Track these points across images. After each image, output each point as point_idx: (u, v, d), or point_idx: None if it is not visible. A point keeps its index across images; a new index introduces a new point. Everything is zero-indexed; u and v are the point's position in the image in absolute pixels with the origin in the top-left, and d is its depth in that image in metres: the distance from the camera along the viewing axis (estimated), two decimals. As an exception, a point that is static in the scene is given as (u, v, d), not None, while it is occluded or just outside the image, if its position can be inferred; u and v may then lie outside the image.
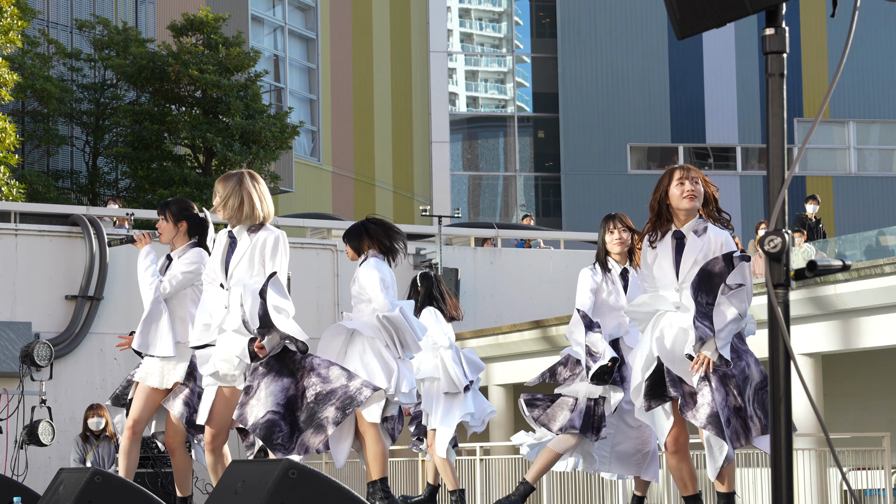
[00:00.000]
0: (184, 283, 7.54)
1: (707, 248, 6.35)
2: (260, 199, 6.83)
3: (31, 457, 14.26)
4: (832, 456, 4.10)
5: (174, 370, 7.55)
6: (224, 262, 6.83)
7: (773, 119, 3.37)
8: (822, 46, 38.86)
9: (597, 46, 38.79)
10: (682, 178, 6.41)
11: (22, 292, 18.03)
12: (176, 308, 7.57)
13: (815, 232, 19.40)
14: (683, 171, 6.45)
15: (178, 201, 7.74)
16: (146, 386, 7.59)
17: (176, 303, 7.58)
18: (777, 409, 3.34)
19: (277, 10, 33.10)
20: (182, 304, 7.57)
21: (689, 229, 6.40)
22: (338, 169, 34.11)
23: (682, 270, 6.35)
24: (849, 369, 16.93)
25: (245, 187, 6.83)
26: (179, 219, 7.62)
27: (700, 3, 3.42)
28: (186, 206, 7.69)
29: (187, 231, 7.63)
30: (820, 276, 4.20)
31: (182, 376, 7.52)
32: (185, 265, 7.53)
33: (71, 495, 6.79)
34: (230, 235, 6.86)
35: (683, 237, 6.40)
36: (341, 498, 5.26)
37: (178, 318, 7.56)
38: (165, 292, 7.51)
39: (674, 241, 6.42)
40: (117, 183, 27.23)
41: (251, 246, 6.75)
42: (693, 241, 6.38)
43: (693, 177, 6.42)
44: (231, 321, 6.75)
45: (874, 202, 38.64)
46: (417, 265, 20.51)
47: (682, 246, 6.40)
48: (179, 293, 7.58)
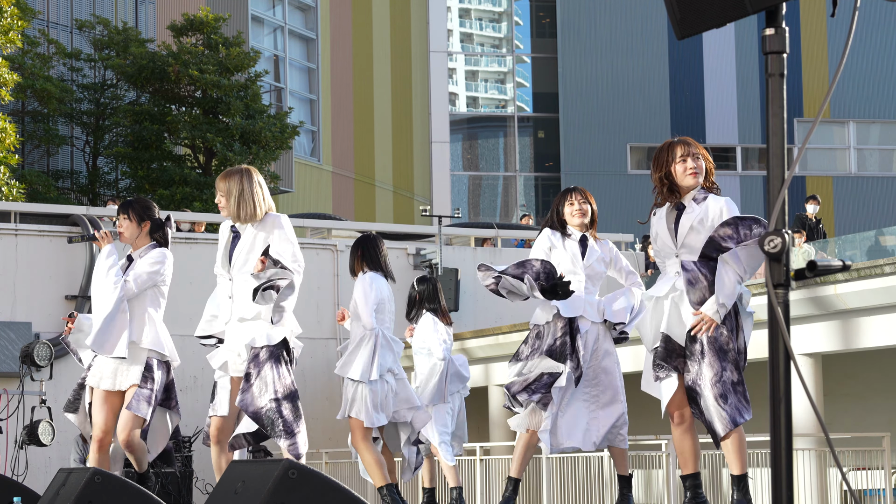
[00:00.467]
0: (148, 283, 7.49)
1: (705, 214, 6.43)
2: (262, 195, 6.98)
3: (31, 457, 14.26)
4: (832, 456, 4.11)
5: (128, 371, 7.51)
6: (227, 254, 6.98)
7: (773, 119, 3.37)
8: (822, 46, 38.86)
9: (597, 46, 38.79)
10: (685, 154, 6.46)
11: (22, 292, 18.03)
12: (135, 308, 7.50)
13: (816, 232, 19.40)
14: (685, 146, 6.50)
15: (140, 200, 7.72)
16: (101, 391, 7.60)
17: (135, 303, 7.51)
18: (777, 409, 3.33)
19: (277, 10, 33.10)
20: (141, 304, 7.51)
21: (689, 198, 6.51)
22: (338, 169, 34.11)
23: (680, 235, 6.42)
24: (849, 369, 16.93)
25: (246, 183, 6.95)
26: (143, 219, 7.60)
27: (700, 3, 3.42)
28: (149, 206, 7.69)
29: (149, 231, 7.61)
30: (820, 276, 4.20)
31: (138, 378, 7.47)
32: (150, 265, 7.49)
33: (71, 495, 6.79)
34: (233, 230, 7.01)
35: (683, 206, 6.49)
36: (341, 498, 5.26)
37: (136, 318, 7.49)
38: (132, 292, 7.44)
39: (674, 212, 6.50)
40: (117, 183, 27.23)
41: (254, 237, 6.92)
42: (691, 208, 6.47)
43: (694, 153, 6.50)
44: (237, 310, 6.92)
45: (874, 202, 38.64)
46: (417, 265, 20.51)
47: (680, 213, 6.47)
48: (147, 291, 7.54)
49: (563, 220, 7.72)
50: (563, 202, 7.74)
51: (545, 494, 14.65)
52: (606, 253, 7.77)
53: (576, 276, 7.60)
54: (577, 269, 7.62)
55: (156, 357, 7.51)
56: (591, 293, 7.67)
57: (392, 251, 20.40)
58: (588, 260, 7.65)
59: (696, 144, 6.54)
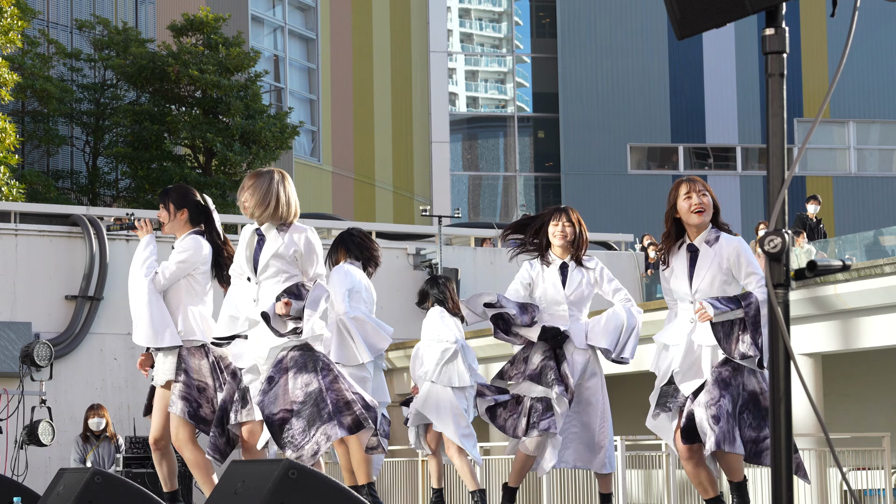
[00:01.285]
0: (178, 274, 7.29)
1: (720, 258, 6.43)
2: (289, 200, 6.82)
3: (31, 457, 14.25)
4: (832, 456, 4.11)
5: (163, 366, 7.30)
6: (253, 258, 6.80)
7: (773, 119, 3.37)
8: (822, 46, 38.86)
9: (597, 46, 38.79)
10: (689, 191, 6.45)
11: (22, 292, 18.03)
12: (170, 299, 7.31)
13: (816, 232, 19.40)
14: (690, 183, 6.49)
15: (178, 188, 7.51)
16: (160, 390, 7.39)
17: (170, 294, 7.32)
18: (777, 409, 3.34)
19: (277, 10, 33.10)
20: (176, 296, 7.32)
21: (702, 240, 6.46)
22: (338, 169, 34.11)
23: (695, 282, 6.42)
24: (849, 369, 16.92)
25: (276, 187, 6.78)
26: (180, 206, 7.37)
27: (700, 3, 3.42)
28: (186, 193, 7.44)
29: (189, 219, 7.39)
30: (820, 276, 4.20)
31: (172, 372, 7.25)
32: (177, 254, 7.29)
33: (71, 495, 6.79)
34: (258, 233, 6.83)
35: (697, 250, 6.46)
36: (341, 498, 5.26)
37: (172, 309, 7.30)
38: (160, 285, 7.26)
39: (688, 255, 6.49)
40: (117, 183, 27.23)
41: (284, 244, 6.75)
42: (705, 252, 6.45)
43: (700, 189, 6.46)
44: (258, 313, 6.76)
45: (874, 202, 38.64)
46: (417, 265, 20.51)
47: (695, 258, 6.44)
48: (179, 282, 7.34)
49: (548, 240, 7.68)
50: (548, 221, 7.70)
51: (545, 494, 14.65)
52: (591, 274, 7.71)
53: (559, 306, 7.60)
54: (559, 298, 7.61)
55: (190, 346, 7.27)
56: (577, 319, 7.64)
57: (392, 251, 20.40)
58: (569, 288, 7.62)
59: (702, 182, 6.51)
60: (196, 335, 7.29)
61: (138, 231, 7.54)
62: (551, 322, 7.62)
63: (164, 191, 7.52)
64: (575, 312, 7.64)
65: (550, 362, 7.52)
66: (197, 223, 7.42)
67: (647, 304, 15.99)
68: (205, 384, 7.24)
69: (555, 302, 7.61)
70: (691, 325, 6.43)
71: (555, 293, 7.62)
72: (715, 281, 6.39)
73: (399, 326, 19.74)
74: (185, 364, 7.24)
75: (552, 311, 7.65)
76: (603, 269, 7.76)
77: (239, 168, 25.82)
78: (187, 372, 7.24)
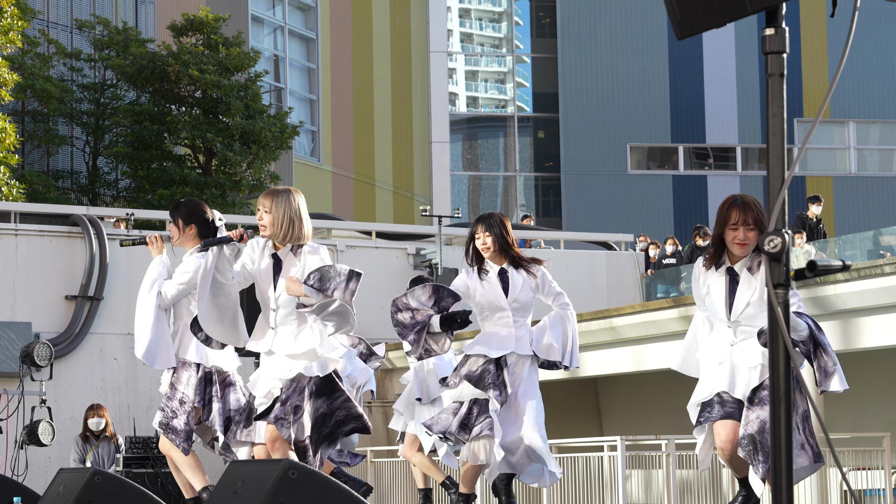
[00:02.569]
0: (179, 295, 7.40)
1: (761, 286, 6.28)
2: (305, 219, 6.78)
3: (31, 457, 14.25)
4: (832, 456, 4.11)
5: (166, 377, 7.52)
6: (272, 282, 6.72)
7: (773, 119, 3.37)
8: (822, 46, 38.86)
9: (597, 46, 38.79)
10: (737, 223, 6.24)
11: (22, 292, 18.03)
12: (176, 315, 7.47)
13: (816, 232, 19.39)
14: (741, 213, 6.23)
15: (188, 203, 7.56)
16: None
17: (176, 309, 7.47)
18: (777, 409, 3.34)
19: (277, 10, 33.10)
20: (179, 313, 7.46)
21: (743, 266, 6.34)
22: (338, 169, 34.11)
23: (735, 311, 6.33)
24: (849, 369, 16.87)
25: (293, 206, 6.73)
26: (188, 222, 7.44)
27: (700, 3, 3.42)
28: (195, 209, 7.50)
29: (197, 234, 7.44)
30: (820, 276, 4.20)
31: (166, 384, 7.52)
32: (179, 276, 7.39)
33: (71, 495, 6.79)
34: (274, 257, 6.75)
35: (737, 275, 6.34)
36: (341, 498, 5.26)
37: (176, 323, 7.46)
38: (165, 303, 7.38)
39: (727, 278, 6.37)
40: (117, 183, 27.23)
41: (300, 267, 6.69)
42: (746, 279, 6.32)
43: (750, 224, 6.21)
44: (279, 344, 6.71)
45: (874, 202, 38.64)
46: (417, 265, 20.51)
47: (735, 284, 6.35)
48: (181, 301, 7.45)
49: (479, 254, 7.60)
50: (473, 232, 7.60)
51: (545, 494, 14.64)
52: (533, 279, 7.58)
53: (502, 312, 7.50)
54: (501, 304, 7.51)
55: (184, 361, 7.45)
56: (521, 325, 7.55)
57: (392, 251, 20.41)
58: (511, 294, 7.51)
59: (754, 209, 6.21)
60: (189, 353, 7.43)
61: (150, 247, 7.60)
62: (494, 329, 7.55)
63: (174, 205, 7.59)
64: (518, 318, 7.55)
65: (489, 366, 7.45)
66: (206, 238, 7.43)
67: (646, 304, 15.99)
68: (186, 398, 7.38)
69: (499, 308, 7.51)
70: (731, 349, 6.41)
71: (496, 298, 7.51)
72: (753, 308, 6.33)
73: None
74: (175, 376, 7.42)
75: (497, 318, 7.55)
76: (544, 273, 7.63)
77: (239, 168, 25.82)
78: (174, 385, 7.43)
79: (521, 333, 7.54)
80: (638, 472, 14.90)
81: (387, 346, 10.81)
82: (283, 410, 6.64)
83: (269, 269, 6.74)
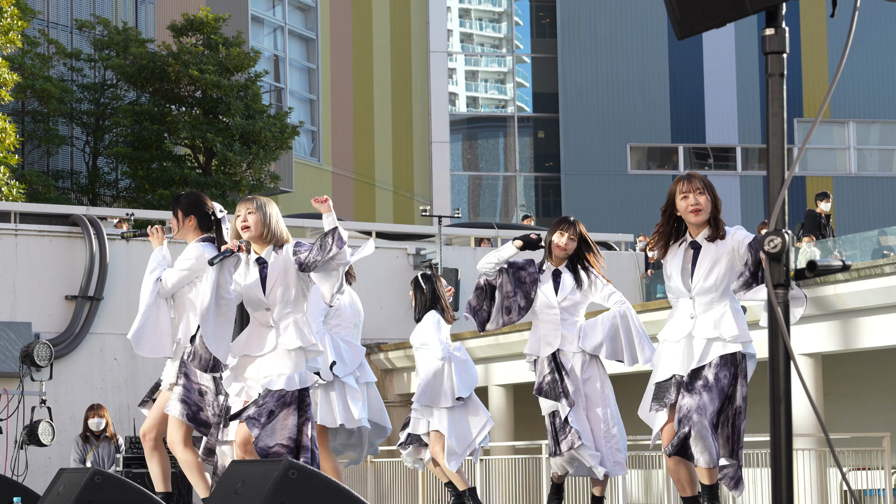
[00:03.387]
0: (181, 283, 7.38)
1: (722, 250, 6.34)
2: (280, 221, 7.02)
3: (31, 457, 14.25)
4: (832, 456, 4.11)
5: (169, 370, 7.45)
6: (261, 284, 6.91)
7: (773, 119, 3.37)
8: (822, 46, 38.86)
9: (597, 46, 38.79)
10: (687, 190, 6.35)
11: (22, 292, 18.03)
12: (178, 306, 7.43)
13: (825, 229, 19.35)
14: (688, 182, 6.37)
15: (188, 195, 7.59)
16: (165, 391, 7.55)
17: (178, 301, 7.44)
18: (777, 409, 3.33)
19: (277, 10, 33.09)
20: (182, 303, 7.41)
21: (703, 237, 6.38)
22: (338, 169, 34.11)
23: (696, 280, 6.35)
24: (849, 369, 16.93)
25: (272, 209, 6.99)
26: (188, 213, 7.46)
27: (700, 3, 3.42)
28: (195, 201, 7.53)
29: (197, 226, 7.46)
30: (820, 276, 4.20)
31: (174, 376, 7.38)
32: (181, 262, 7.39)
33: (71, 495, 6.79)
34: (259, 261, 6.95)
35: (699, 247, 6.39)
36: (341, 498, 5.26)
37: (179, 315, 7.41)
38: (165, 291, 7.37)
39: (690, 252, 6.42)
40: (117, 183, 27.23)
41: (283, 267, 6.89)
42: (706, 248, 6.38)
43: (697, 188, 6.34)
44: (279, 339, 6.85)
45: (874, 202, 38.65)
46: (417, 265, 20.51)
47: (697, 255, 6.39)
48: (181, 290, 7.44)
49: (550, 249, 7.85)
50: (555, 231, 7.88)
51: (545, 493, 14.64)
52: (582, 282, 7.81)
53: (552, 310, 7.75)
54: (552, 303, 7.75)
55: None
56: (569, 323, 7.75)
57: (392, 251, 20.40)
58: (561, 295, 7.75)
59: (700, 179, 6.39)
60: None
61: (151, 239, 7.62)
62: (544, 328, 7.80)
63: (175, 198, 7.63)
64: (567, 317, 7.77)
65: (554, 375, 7.69)
66: (206, 229, 7.48)
67: (647, 304, 16.00)
68: (206, 388, 7.32)
69: (549, 306, 7.76)
70: (691, 322, 6.39)
71: (546, 298, 7.77)
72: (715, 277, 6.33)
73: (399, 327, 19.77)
74: (185, 368, 7.32)
75: (545, 315, 7.79)
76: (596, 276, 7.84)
77: (239, 168, 25.82)
78: (188, 376, 7.33)
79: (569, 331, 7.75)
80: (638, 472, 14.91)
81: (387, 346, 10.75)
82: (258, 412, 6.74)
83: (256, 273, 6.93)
